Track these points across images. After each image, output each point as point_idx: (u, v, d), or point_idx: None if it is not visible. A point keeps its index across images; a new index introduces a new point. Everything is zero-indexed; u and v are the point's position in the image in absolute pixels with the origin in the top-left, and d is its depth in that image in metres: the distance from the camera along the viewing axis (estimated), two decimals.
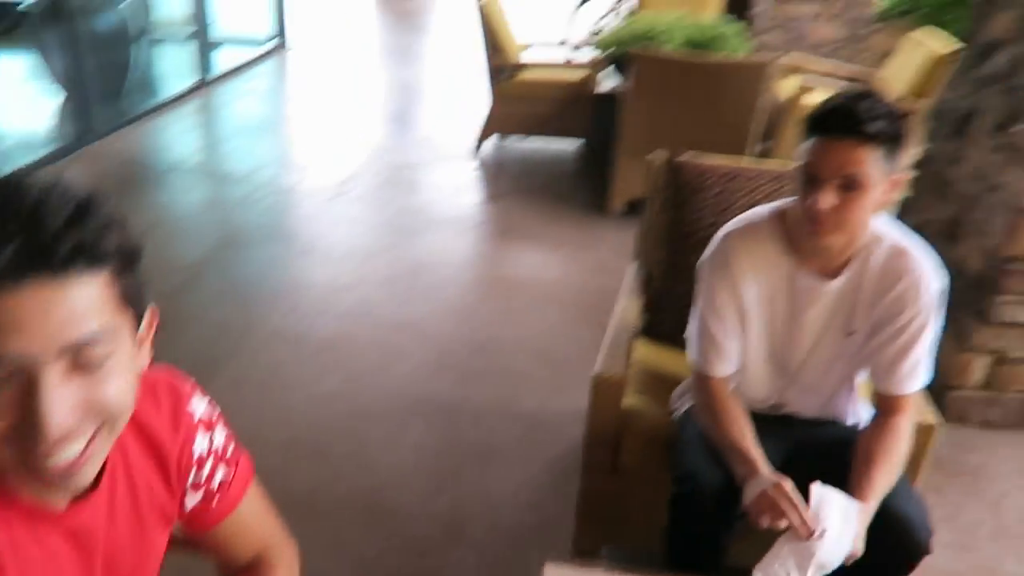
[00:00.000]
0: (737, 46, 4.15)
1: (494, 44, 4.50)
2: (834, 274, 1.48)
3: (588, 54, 4.92)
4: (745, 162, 2.14)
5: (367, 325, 2.98)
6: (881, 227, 1.47)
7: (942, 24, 5.63)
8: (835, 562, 1.28)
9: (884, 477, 1.39)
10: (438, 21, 8.98)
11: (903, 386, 1.48)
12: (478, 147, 4.77)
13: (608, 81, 4.70)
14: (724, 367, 1.56)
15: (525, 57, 4.81)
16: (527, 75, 4.64)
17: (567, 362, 2.78)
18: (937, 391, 2.37)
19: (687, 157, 2.06)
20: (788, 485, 1.34)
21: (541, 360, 2.80)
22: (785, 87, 4.51)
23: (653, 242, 2.20)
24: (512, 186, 4.35)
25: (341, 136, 5.02)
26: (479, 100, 5.03)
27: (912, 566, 1.41)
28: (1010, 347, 2.36)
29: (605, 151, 4.38)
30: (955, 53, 3.80)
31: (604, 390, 1.74)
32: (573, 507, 1.87)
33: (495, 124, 4.69)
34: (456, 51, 7.32)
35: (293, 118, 5.48)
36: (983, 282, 2.34)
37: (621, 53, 4.37)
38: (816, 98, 4.23)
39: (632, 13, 5.31)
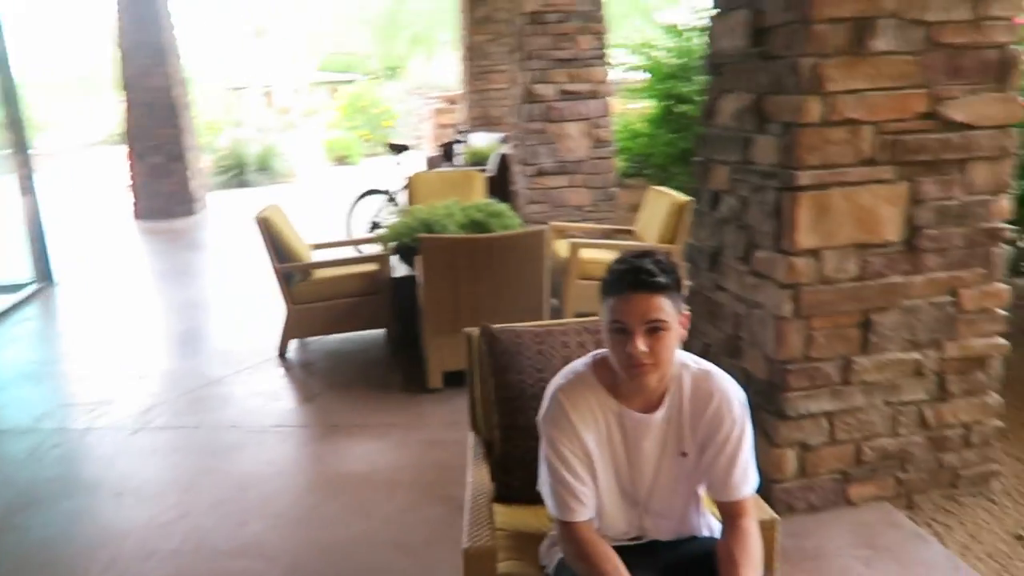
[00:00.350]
0: (511, 221, 4.58)
1: (281, 250, 4.60)
2: (655, 407, 1.69)
3: (373, 247, 5.17)
4: (549, 321, 2.35)
5: (202, 558, 2.76)
6: (682, 357, 1.71)
7: (668, 179, 6.61)
8: None
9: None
10: (210, 237, 8.98)
11: (740, 491, 1.66)
12: (282, 353, 4.74)
13: (399, 268, 4.95)
14: (583, 511, 1.67)
15: (315, 257, 4.95)
16: (319, 275, 4.76)
17: (425, 544, 2.74)
18: (763, 488, 2.62)
19: (500, 327, 2.24)
20: None
21: (397, 550, 2.74)
22: (560, 248, 5.00)
23: (485, 409, 2.32)
24: (326, 383, 4.34)
25: (130, 367, 4.76)
26: (273, 307, 5.05)
27: None
28: (809, 436, 2.69)
29: (411, 332, 4.55)
30: (691, 202, 4.48)
31: (476, 562, 1.76)
32: None
33: (295, 328, 4.71)
34: (236, 262, 7.34)
35: (72, 357, 5.12)
36: (772, 385, 2.68)
37: (405, 243, 4.65)
38: (590, 253, 4.74)
39: (406, 208, 5.69)
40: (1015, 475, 2.93)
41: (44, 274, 6.91)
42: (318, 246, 5.20)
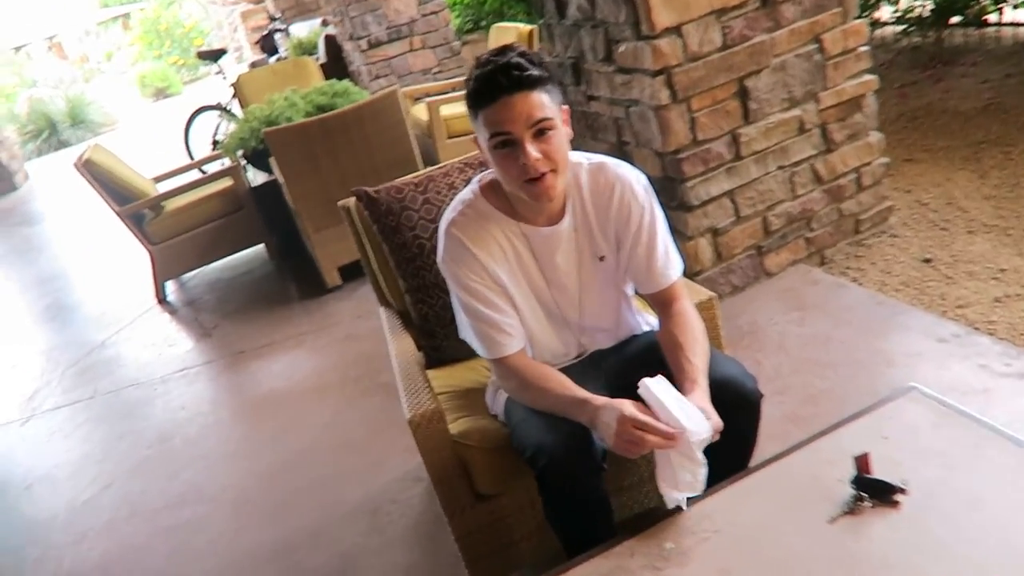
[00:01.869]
0: (359, 94, 4.26)
1: (119, 192, 4.15)
2: (559, 217, 1.55)
3: (222, 163, 4.75)
4: (427, 169, 2.17)
5: (143, 520, 2.57)
6: (574, 157, 1.55)
7: (506, 19, 6.34)
8: (706, 432, 1.29)
9: (699, 356, 1.46)
10: (41, 208, 8.14)
11: (666, 276, 1.57)
12: (160, 299, 4.38)
13: (256, 177, 4.59)
14: (512, 342, 1.55)
15: (161, 189, 4.51)
16: (172, 206, 4.35)
17: (370, 437, 2.63)
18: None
19: (376, 188, 2.05)
20: (628, 408, 1.34)
21: (344, 451, 2.62)
22: (419, 113, 4.73)
23: (388, 279, 2.16)
24: (219, 315, 4.05)
25: (7, 354, 4.32)
26: (135, 256, 4.63)
27: (756, 416, 1.52)
28: (716, 220, 2.67)
29: (291, 238, 4.26)
30: (536, 27, 4.27)
31: (425, 429, 1.65)
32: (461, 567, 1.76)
33: (164, 269, 4.34)
34: (80, 225, 6.69)
35: None
36: (669, 179, 2.62)
37: (252, 148, 4.28)
38: (450, 109, 4.50)
39: (243, 112, 5.23)
40: (907, 207, 3.03)
41: None
42: (161, 177, 4.73)
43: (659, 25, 2.43)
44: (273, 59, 6.77)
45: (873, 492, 1.21)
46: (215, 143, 6.34)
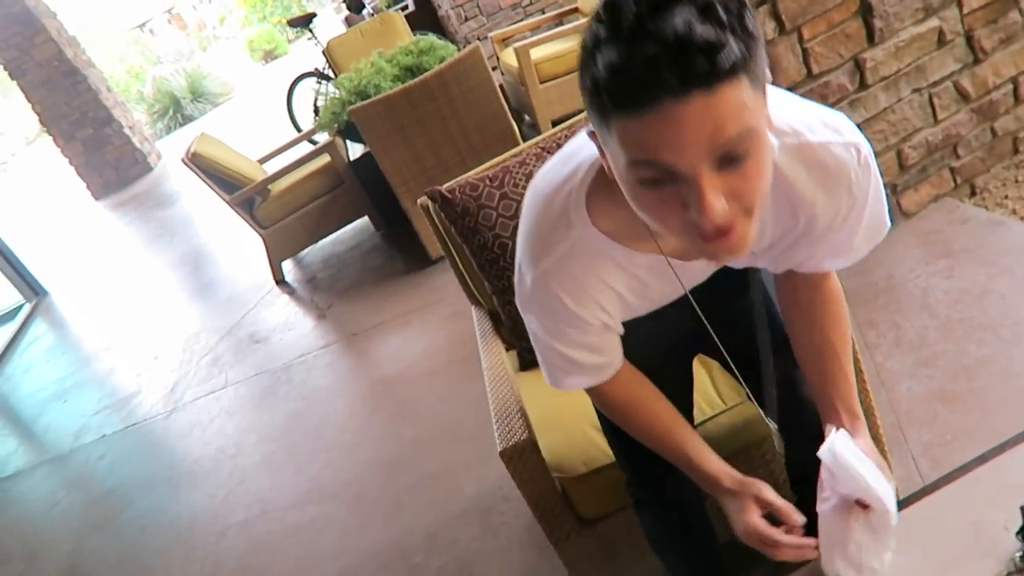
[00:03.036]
0: (445, 50, 4.07)
1: (227, 180, 4.21)
2: None
3: (323, 137, 4.73)
4: (499, 157, 2.00)
5: (273, 520, 2.64)
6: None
7: None
8: (892, 504, 1.03)
9: (850, 363, 1.15)
10: (175, 188, 8.54)
11: (852, 255, 1.07)
12: (278, 280, 4.48)
13: (354, 149, 4.54)
14: (606, 370, 1.15)
15: (268, 169, 4.56)
16: (277, 188, 4.39)
17: (478, 424, 2.55)
18: None
19: (449, 186, 1.89)
20: (753, 517, 1.05)
21: (455, 441, 2.57)
22: (508, 58, 4.49)
23: (475, 280, 2.04)
24: (333, 293, 4.09)
25: (144, 351, 4.58)
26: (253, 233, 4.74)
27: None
28: None
29: (393, 208, 4.20)
30: None
31: (518, 461, 1.53)
32: None
33: (277, 251, 4.41)
34: (211, 204, 6.96)
35: (89, 362, 4.96)
36: None
37: (344, 121, 4.20)
38: (542, 51, 4.22)
39: (335, 80, 5.17)
40: None
41: (33, 290, 6.68)
42: (266, 158, 4.78)
43: None
44: (364, 12, 6.64)
45: None
46: (316, 109, 6.35)
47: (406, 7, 6.42)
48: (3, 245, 6.56)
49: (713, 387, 1.61)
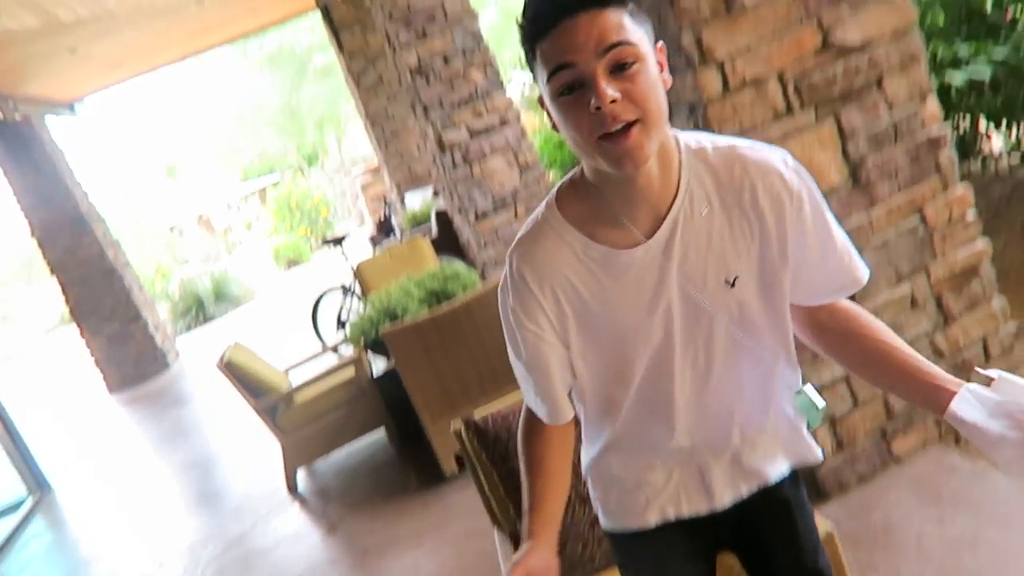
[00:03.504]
0: (469, 278, 4.46)
1: (255, 386, 4.44)
2: (662, 220, 1.13)
3: (347, 350, 5.03)
4: None
5: None
6: (690, 139, 1.16)
7: None
8: None
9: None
10: (191, 387, 8.78)
11: (858, 272, 1.22)
12: (291, 488, 4.56)
13: (377, 363, 4.80)
14: (549, 416, 1.28)
15: (293, 379, 4.80)
16: (301, 397, 4.61)
17: None
18: (808, 474, 2.50)
19: (483, 416, 2.11)
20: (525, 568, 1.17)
21: None
22: None
23: (500, 503, 2.18)
24: (345, 506, 4.16)
25: (149, 554, 4.57)
26: (270, 440, 4.89)
27: None
28: (834, 407, 2.56)
29: (410, 423, 4.39)
30: None
31: None
32: None
33: (294, 458, 4.55)
34: (225, 406, 7.15)
35: (92, 563, 4.91)
36: None
37: (373, 339, 4.52)
38: None
39: (363, 299, 5.56)
40: None
41: (37, 483, 6.70)
42: (292, 367, 5.04)
43: None
44: (389, 241, 7.22)
45: None
46: (340, 322, 6.73)
47: (430, 231, 6.99)
48: (15, 434, 6.68)
49: None
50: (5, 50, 6.97)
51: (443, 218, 6.86)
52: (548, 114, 1.10)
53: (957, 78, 3.25)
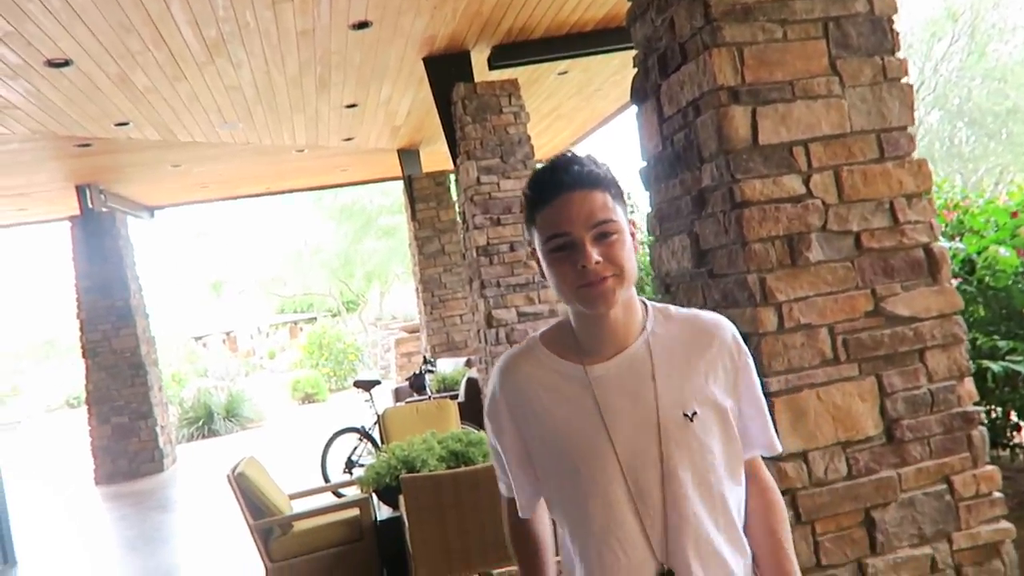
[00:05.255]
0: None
1: (258, 506, 4.45)
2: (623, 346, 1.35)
3: (354, 490, 5.04)
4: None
5: None
6: (657, 305, 1.42)
7: None
8: None
9: (790, 543, 1.42)
10: (180, 495, 8.65)
11: (774, 440, 1.45)
12: None
13: (381, 511, 4.79)
14: (524, 507, 1.50)
15: (295, 507, 4.79)
16: (300, 527, 4.58)
17: None
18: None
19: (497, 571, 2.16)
20: None
21: None
22: None
23: None
24: None
25: None
26: (250, 563, 4.80)
27: None
28: None
29: (401, 573, 4.33)
30: None
31: None
32: None
33: None
34: (210, 520, 7.03)
35: None
36: None
37: (385, 484, 4.56)
38: None
39: (383, 447, 5.62)
40: None
41: (4, 556, 6.52)
42: (296, 495, 5.04)
43: (785, 449, 2.57)
44: (417, 398, 7.37)
45: None
46: (349, 462, 6.74)
47: (457, 395, 7.12)
48: (1, 500, 6.60)
49: None
50: (118, 154, 7.65)
51: (473, 386, 7.03)
52: (537, 262, 1.36)
53: (995, 367, 3.46)
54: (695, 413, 1.30)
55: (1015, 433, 4.61)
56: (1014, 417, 4.35)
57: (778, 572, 1.36)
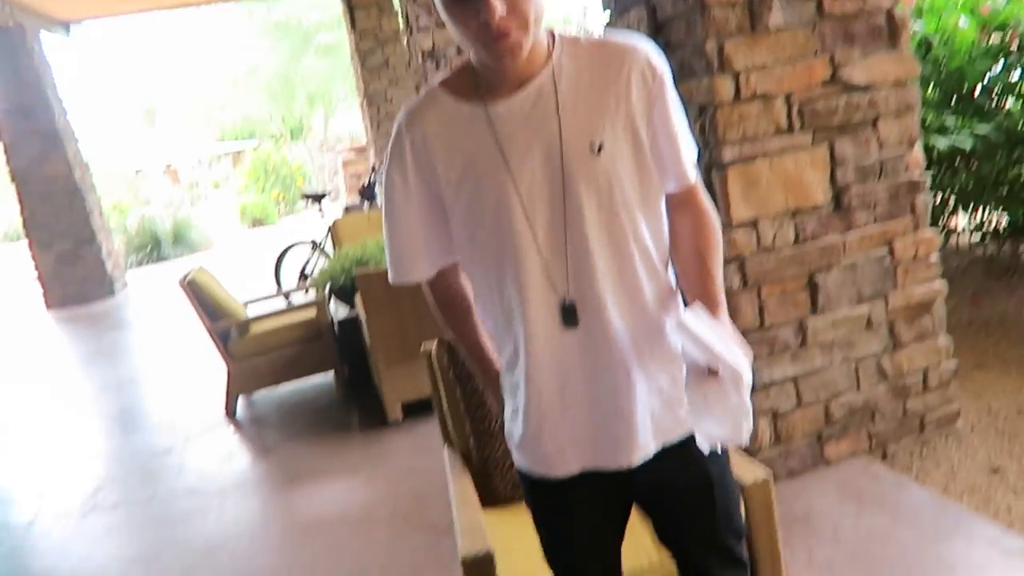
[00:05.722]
0: None
1: (213, 310, 4.45)
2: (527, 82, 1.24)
3: (305, 296, 5.07)
4: None
5: None
6: (569, 34, 1.30)
7: None
8: (748, 372, 1.18)
9: (719, 267, 1.34)
10: (134, 315, 8.65)
11: (691, 169, 1.33)
12: (229, 413, 4.56)
13: (337, 311, 4.85)
14: (419, 269, 1.38)
15: (250, 312, 4.81)
16: (257, 328, 4.63)
17: (415, 573, 2.64)
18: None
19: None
20: None
21: None
22: None
23: (456, 421, 2.27)
24: (281, 436, 4.19)
25: (70, 451, 4.50)
26: (211, 371, 4.91)
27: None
28: (778, 403, 2.72)
29: (360, 371, 4.46)
30: None
31: (476, 570, 1.70)
32: None
33: (238, 384, 4.55)
34: (166, 335, 7.07)
35: (5, 451, 4.81)
36: None
37: (340, 284, 4.59)
38: None
39: (336, 252, 5.60)
40: (975, 412, 3.03)
41: None
42: (251, 302, 5.06)
43: (737, 218, 2.61)
44: (367, 206, 7.28)
45: None
46: (303, 275, 6.75)
47: None
48: None
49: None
50: None
51: None
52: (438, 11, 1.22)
53: (941, 142, 3.50)
54: (602, 145, 1.23)
55: (952, 218, 4.79)
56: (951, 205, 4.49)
57: (703, 295, 1.29)
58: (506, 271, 1.27)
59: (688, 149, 1.32)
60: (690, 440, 1.31)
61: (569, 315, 1.26)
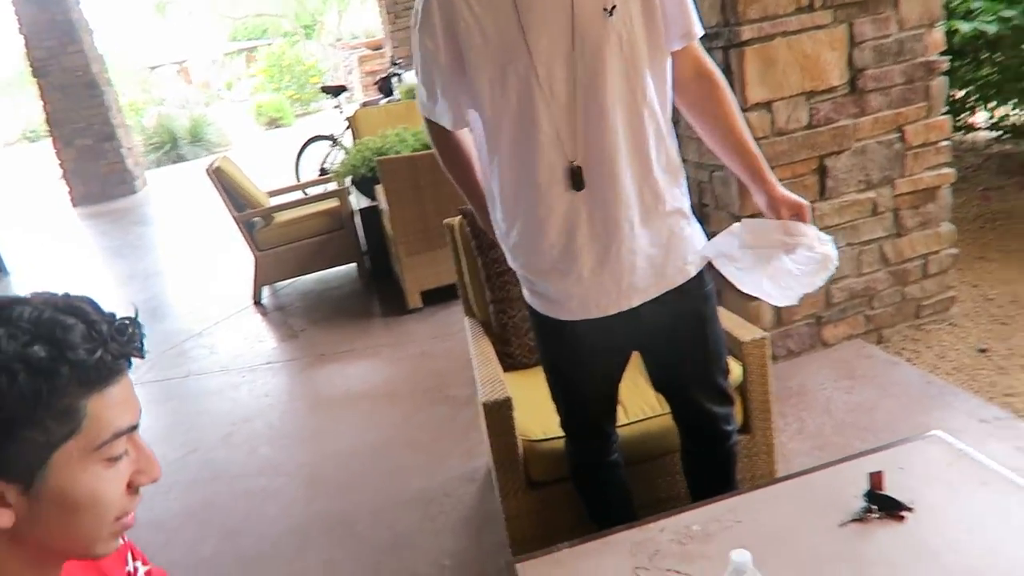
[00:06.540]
0: None
1: (238, 199, 4.58)
2: None
3: (328, 187, 5.18)
4: None
5: (223, 483, 2.84)
6: None
7: None
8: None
9: (748, 133, 1.49)
10: (157, 211, 8.82)
11: (697, 25, 1.40)
12: (256, 300, 4.76)
13: (359, 202, 4.96)
14: (445, 119, 1.45)
15: (273, 203, 4.94)
16: (281, 218, 4.76)
17: (434, 440, 2.85)
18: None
19: None
20: None
21: (408, 449, 2.85)
22: None
23: (477, 291, 2.41)
24: (307, 321, 4.38)
25: None
26: (236, 260, 5.09)
27: (730, 452, 1.70)
28: None
29: (381, 261, 4.62)
30: None
31: (495, 414, 1.87)
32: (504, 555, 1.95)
33: (265, 273, 4.72)
34: (189, 229, 7.25)
35: None
36: None
37: (361, 175, 4.68)
38: None
39: (355, 143, 5.66)
40: (971, 300, 3.14)
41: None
42: (274, 192, 5.18)
43: (752, 100, 2.66)
44: (385, 100, 7.27)
45: (882, 506, 1.36)
46: (323, 170, 6.83)
47: None
48: None
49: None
50: None
51: None
52: None
53: (964, 27, 3.46)
54: (614, 7, 1.27)
55: (970, 116, 4.77)
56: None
57: (748, 170, 1.47)
58: (520, 135, 1.35)
59: (692, 5, 1.38)
60: (688, 283, 1.44)
61: (576, 178, 1.35)
